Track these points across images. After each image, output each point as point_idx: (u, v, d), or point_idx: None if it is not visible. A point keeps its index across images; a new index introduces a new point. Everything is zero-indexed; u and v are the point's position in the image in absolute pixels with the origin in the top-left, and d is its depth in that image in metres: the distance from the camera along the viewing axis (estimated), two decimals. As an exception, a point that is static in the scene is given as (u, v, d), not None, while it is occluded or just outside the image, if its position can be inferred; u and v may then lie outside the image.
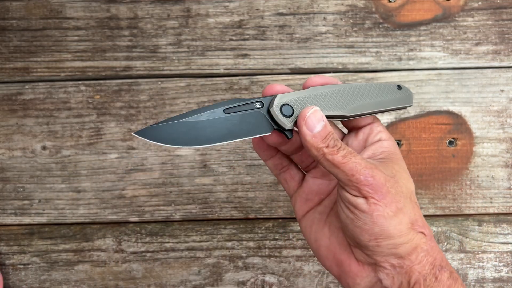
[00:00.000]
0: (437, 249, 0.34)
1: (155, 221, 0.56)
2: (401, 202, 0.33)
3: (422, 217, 0.35)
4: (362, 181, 0.32)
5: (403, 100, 0.39)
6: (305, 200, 0.39)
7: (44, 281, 0.57)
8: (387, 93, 0.38)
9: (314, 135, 0.33)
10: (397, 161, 0.36)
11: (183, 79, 0.55)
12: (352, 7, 0.54)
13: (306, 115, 0.34)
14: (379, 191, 0.32)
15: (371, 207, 0.32)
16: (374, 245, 0.33)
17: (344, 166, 0.32)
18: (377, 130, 0.38)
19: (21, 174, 0.55)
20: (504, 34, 0.54)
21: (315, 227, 0.38)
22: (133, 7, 0.54)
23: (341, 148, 0.33)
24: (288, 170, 0.40)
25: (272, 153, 0.39)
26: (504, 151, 0.54)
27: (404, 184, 0.34)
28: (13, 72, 0.55)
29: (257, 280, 0.56)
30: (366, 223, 0.33)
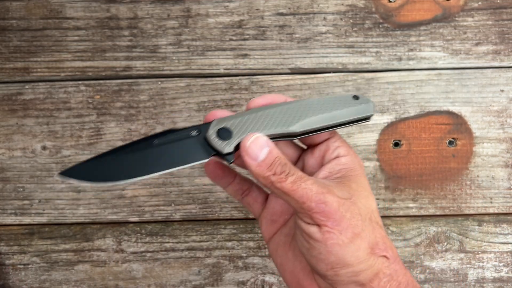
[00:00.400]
0: (402, 272, 0.32)
1: (155, 221, 0.56)
2: (359, 226, 0.31)
3: (385, 238, 0.33)
4: (313, 208, 0.30)
5: (361, 110, 0.35)
6: (271, 222, 0.38)
7: (44, 281, 0.57)
8: (340, 105, 0.35)
9: (258, 164, 0.31)
10: (355, 178, 0.34)
11: (183, 79, 0.55)
12: (352, 7, 0.54)
13: (247, 145, 0.31)
14: (332, 218, 0.30)
15: (324, 236, 0.30)
16: (332, 274, 0.31)
17: (294, 193, 0.30)
18: (334, 146, 0.35)
19: (21, 174, 0.55)
20: (504, 34, 0.54)
21: (280, 251, 0.37)
22: (133, 7, 0.54)
23: (290, 174, 0.31)
24: (249, 193, 0.39)
25: (229, 180, 0.38)
26: (504, 151, 0.54)
27: (362, 204, 0.32)
28: (13, 72, 0.55)
29: (257, 280, 0.56)
30: (321, 253, 0.31)
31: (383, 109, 0.54)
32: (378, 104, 0.54)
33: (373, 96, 0.54)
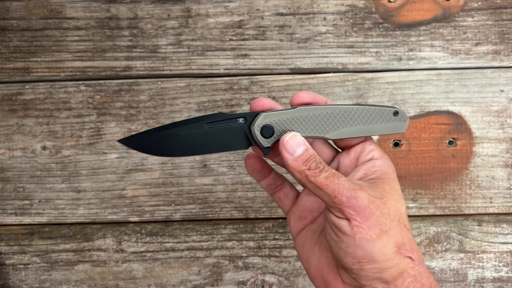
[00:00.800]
0: (426, 275, 0.33)
1: (155, 221, 0.56)
2: (387, 224, 0.32)
3: (412, 240, 0.34)
4: (344, 203, 0.32)
5: (396, 127, 0.37)
6: (299, 218, 0.39)
7: (44, 281, 0.57)
8: (379, 119, 0.37)
9: (295, 159, 0.34)
10: (388, 181, 0.35)
11: (183, 79, 0.55)
12: (352, 7, 0.54)
13: (285, 140, 0.34)
14: (361, 213, 0.32)
15: (353, 230, 0.32)
16: (358, 268, 0.32)
17: (326, 187, 0.32)
18: (369, 149, 0.37)
19: (21, 174, 0.55)
20: (504, 34, 0.54)
21: (307, 246, 0.38)
22: (133, 7, 0.54)
23: (324, 170, 0.33)
24: (281, 189, 0.40)
25: (265, 174, 0.40)
26: (504, 151, 0.54)
27: (392, 206, 0.33)
28: (13, 72, 0.55)
29: (257, 280, 0.56)
30: (349, 246, 0.32)
31: (383, 109, 0.54)
32: (376, 104, 0.54)
33: (373, 96, 0.54)
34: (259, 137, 0.36)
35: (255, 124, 0.35)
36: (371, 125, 0.37)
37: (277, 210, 0.56)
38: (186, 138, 0.35)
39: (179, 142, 0.35)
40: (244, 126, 0.36)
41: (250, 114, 0.36)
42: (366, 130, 0.37)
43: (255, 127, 0.35)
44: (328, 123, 0.36)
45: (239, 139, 0.36)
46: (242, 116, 0.36)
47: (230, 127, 0.36)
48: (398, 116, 0.37)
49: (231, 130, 0.36)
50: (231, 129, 0.36)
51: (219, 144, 0.36)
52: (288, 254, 0.56)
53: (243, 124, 0.36)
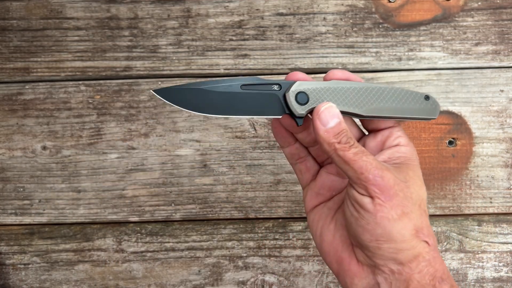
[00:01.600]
0: (439, 261, 0.33)
1: (155, 221, 0.56)
2: (408, 207, 0.33)
3: (429, 226, 0.34)
4: (370, 180, 0.32)
5: (427, 111, 0.37)
6: (316, 194, 0.39)
7: (44, 281, 0.57)
8: (411, 101, 0.37)
9: (327, 130, 0.33)
10: (413, 167, 0.35)
11: (183, 79, 0.55)
12: (352, 7, 0.54)
13: (320, 110, 0.34)
14: (386, 192, 0.32)
15: (376, 208, 0.32)
16: (375, 246, 0.32)
17: (354, 163, 0.32)
18: (396, 135, 0.37)
19: (21, 174, 0.55)
20: (504, 34, 0.54)
21: (322, 222, 0.38)
22: (133, 7, 0.54)
23: (354, 146, 0.33)
24: (304, 161, 0.40)
25: (290, 141, 0.39)
26: (503, 151, 0.54)
27: (415, 191, 0.34)
28: (13, 72, 0.55)
29: (257, 280, 0.56)
30: (369, 223, 0.32)
31: (383, 109, 0.54)
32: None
33: (373, 96, 0.54)
34: (294, 103, 0.35)
35: (291, 90, 0.35)
36: (402, 105, 0.37)
37: (277, 210, 0.56)
38: (220, 97, 0.35)
39: (213, 99, 0.35)
40: (279, 93, 0.35)
41: (285, 82, 0.36)
42: (398, 109, 0.37)
43: (290, 93, 0.35)
44: (362, 98, 0.36)
45: (273, 105, 0.36)
46: (277, 83, 0.36)
47: (265, 92, 0.36)
48: (430, 101, 0.37)
49: (265, 95, 0.35)
50: (265, 94, 0.35)
51: (252, 108, 0.35)
52: (288, 254, 0.56)
53: (278, 91, 0.36)
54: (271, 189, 0.55)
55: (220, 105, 0.35)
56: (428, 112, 0.37)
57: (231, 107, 0.35)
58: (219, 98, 0.35)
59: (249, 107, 0.35)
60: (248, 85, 0.35)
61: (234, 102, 0.35)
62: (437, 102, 0.37)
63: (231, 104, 0.35)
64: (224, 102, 0.35)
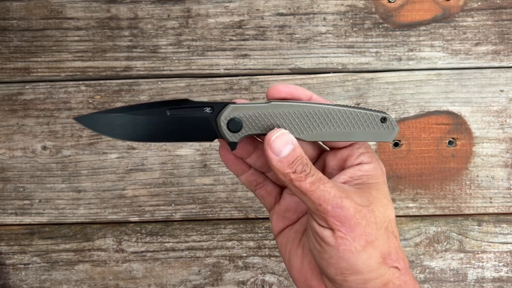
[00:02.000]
0: (411, 283, 0.32)
1: (155, 221, 0.56)
2: (373, 234, 0.31)
3: (399, 248, 0.32)
4: (329, 212, 0.30)
5: (382, 136, 0.34)
6: (282, 218, 0.38)
7: (44, 281, 0.57)
8: (363, 125, 0.33)
9: (280, 159, 0.31)
10: (376, 186, 0.33)
11: (183, 79, 0.55)
12: (352, 7, 0.54)
13: (271, 139, 0.31)
14: (347, 224, 0.30)
15: (337, 241, 0.30)
16: (341, 279, 0.31)
17: (311, 194, 0.30)
18: (358, 153, 0.34)
19: (21, 174, 0.56)
20: (503, 34, 0.54)
21: (289, 246, 0.37)
22: (134, 7, 0.54)
23: (310, 174, 0.31)
24: (263, 186, 0.38)
25: (243, 168, 0.37)
26: (503, 151, 0.54)
27: (380, 213, 0.32)
28: (13, 72, 0.55)
29: (257, 280, 0.56)
30: (332, 257, 0.31)
31: (383, 109, 0.54)
32: (378, 104, 0.54)
33: (373, 96, 0.54)
34: (225, 130, 0.33)
35: (222, 116, 0.33)
36: (353, 129, 0.33)
37: (277, 210, 0.56)
38: (145, 123, 0.33)
39: (137, 126, 0.33)
40: (210, 117, 0.33)
41: (218, 104, 0.33)
42: (347, 134, 0.33)
43: (222, 119, 0.33)
44: (304, 123, 0.33)
45: (204, 130, 0.33)
46: (210, 105, 0.33)
47: (195, 116, 0.33)
48: (386, 123, 0.33)
49: (195, 119, 0.33)
50: (195, 118, 0.33)
51: (181, 133, 0.33)
52: None
53: (210, 114, 0.33)
54: (271, 189, 0.55)
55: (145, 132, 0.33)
56: (382, 136, 0.34)
57: (158, 133, 0.33)
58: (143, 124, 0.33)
59: (178, 133, 0.33)
60: (176, 109, 0.33)
61: (160, 128, 0.33)
62: (395, 124, 0.34)
63: (158, 130, 0.33)
64: (150, 128, 0.33)
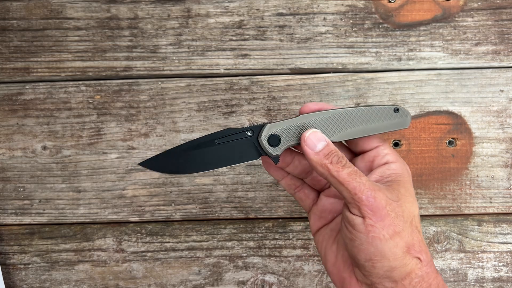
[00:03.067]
0: (433, 275, 0.34)
1: (156, 221, 0.56)
2: (400, 226, 0.34)
3: (422, 242, 0.35)
4: (363, 201, 0.33)
5: (399, 123, 0.39)
6: (319, 218, 0.41)
7: (44, 281, 0.57)
8: (382, 118, 0.39)
9: (316, 153, 0.35)
10: (404, 184, 0.36)
11: (183, 79, 0.55)
12: (352, 8, 0.54)
13: (306, 136, 0.36)
14: (378, 213, 0.33)
15: (367, 228, 0.33)
16: (370, 265, 0.34)
17: (348, 184, 0.33)
18: (383, 153, 0.38)
19: (21, 174, 0.56)
20: (503, 34, 0.54)
21: (325, 244, 0.40)
22: (134, 7, 0.54)
23: (346, 166, 0.34)
24: (302, 189, 0.42)
25: (283, 174, 0.41)
26: (503, 151, 0.54)
27: (407, 208, 0.35)
28: (13, 72, 0.55)
29: (257, 280, 0.56)
30: (362, 243, 0.33)
31: (383, 109, 0.54)
32: (378, 104, 0.54)
33: (373, 96, 0.54)
34: (267, 146, 0.38)
35: (262, 135, 0.38)
36: (373, 124, 0.38)
37: (277, 210, 0.56)
38: (199, 155, 0.38)
39: (193, 160, 0.38)
40: (252, 138, 0.38)
41: (256, 126, 0.38)
42: (369, 129, 0.38)
43: (262, 138, 0.38)
44: (331, 126, 0.38)
45: (249, 151, 0.38)
46: (250, 129, 0.38)
47: (239, 141, 0.39)
48: (399, 112, 0.39)
49: (240, 143, 0.38)
50: (240, 142, 0.38)
51: (230, 157, 0.39)
52: (288, 254, 0.56)
53: (251, 136, 0.38)
54: (271, 189, 0.55)
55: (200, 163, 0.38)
56: (399, 124, 0.39)
57: (211, 162, 0.39)
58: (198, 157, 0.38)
59: (228, 157, 0.39)
60: (223, 138, 0.39)
61: (212, 157, 0.38)
62: (407, 112, 0.39)
63: (210, 159, 0.38)
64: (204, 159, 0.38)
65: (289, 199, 0.55)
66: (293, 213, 0.56)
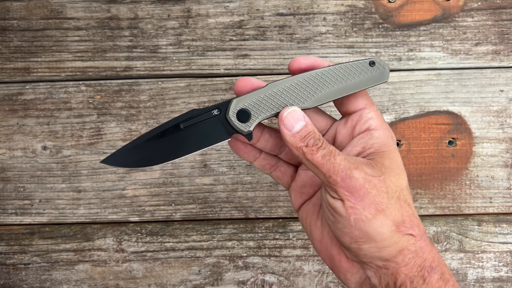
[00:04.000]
0: (428, 249, 0.33)
1: (156, 221, 0.56)
2: (383, 203, 0.32)
3: (413, 216, 0.33)
4: (338, 183, 0.31)
5: (377, 77, 0.35)
6: (300, 193, 0.39)
7: (44, 281, 0.57)
8: (357, 74, 0.35)
9: (293, 134, 0.33)
10: (388, 154, 0.34)
11: (183, 79, 0.55)
12: (352, 8, 0.54)
13: (283, 116, 0.34)
14: (356, 194, 0.31)
15: (348, 211, 0.31)
16: (356, 247, 0.32)
17: (322, 166, 0.32)
18: (366, 117, 0.35)
19: (21, 174, 0.56)
20: (503, 34, 0.54)
21: (309, 220, 0.38)
22: (134, 7, 0.54)
23: (321, 147, 0.32)
24: (277, 168, 0.39)
25: (255, 154, 0.39)
26: (503, 151, 0.54)
27: (392, 183, 0.33)
28: (13, 72, 0.55)
29: (257, 280, 0.56)
30: (345, 226, 0.32)
31: (383, 109, 0.54)
32: (378, 104, 0.54)
33: (373, 97, 0.54)
34: (237, 123, 0.35)
35: (230, 112, 0.35)
36: (348, 82, 0.35)
37: (277, 210, 0.56)
38: (164, 144, 0.35)
39: (159, 150, 0.35)
40: (220, 117, 0.35)
41: (223, 103, 0.35)
42: (345, 88, 0.35)
43: (230, 114, 0.35)
44: (303, 91, 0.35)
45: (219, 131, 0.35)
46: (216, 107, 0.35)
47: (206, 121, 0.35)
48: (376, 65, 0.35)
49: (208, 124, 0.35)
50: (207, 123, 0.35)
51: (199, 141, 0.35)
52: (288, 254, 0.56)
53: (218, 115, 0.35)
54: (271, 189, 0.55)
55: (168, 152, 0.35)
56: (376, 78, 0.35)
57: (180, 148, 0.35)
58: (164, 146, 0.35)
59: (197, 141, 0.35)
60: (187, 121, 0.35)
61: (180, 143, 0.35)
62: (384, 63, 0.36)
63: (178, 146, 0.35)
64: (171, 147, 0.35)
65: (289, 199, 0.55)
66: (293, 213, 0.56)
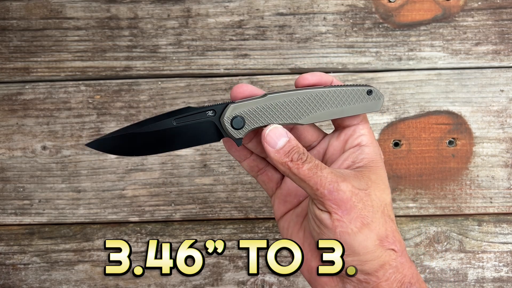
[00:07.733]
0: (408, 265, 0.33)
1: (155, 221, 0.56)
2: (369, 217, 0.32)
3: (396, 231, 0.34)
4: (326, 196, 0.32)
5: (370, 106, 0.37)
6: (284, 202, 0.39)
7: (44, 281, 0.57)
8: (353, 100, 0.36)
9: (277, 151, 0.33)
10: (375, 170, 0.35)
11: (183, 79, 0.55)
12: (352, 7, 0.54)
13: (266, 134, 0.34)
14: (343, 206, 0.32)
15: (334, 223, 0.32)
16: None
17: (309, 179, 0.32)
18: (359, 133, 0.36)
19: (21, 174, 0.55)
20: (504, 34, 0.54)
21: (291, 230, 0.38)
22: (133, 7, 0.54)
23: (307, 161, 0.33)
24: (265, 172, 0.40)
25: (245, 154, 0.39)
26: (504, 151, 0.54)
27: (377, 197, 0.33)
28: (13, 72, 0.55)
29: (257, 280, 0.56)
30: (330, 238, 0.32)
31: (383, 109, 0.54)
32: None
33: (373, 96, 0.54)
34: (230, 129, 0.35)
35: (225, 116, 0.35)
36: (344, 106, 0.36)
37: (277, 210, 0.56)
38: (155, 136, 0.35)
39: (148, 142, 0.35)
40: (213, 119, 0.36)
41: (219, 106, 0.35)
42: (339, 111, 0.36)
43: (225, 119, 0.35)
44: (300, 108, 0.36)
45: (209, 132, 0.36)
46: (211, 108, 0.35)
47: (200, 121, 0.36)
48: (372, 95, 0.36)
49: (201, 124, 0.36)
50: (200, 122, 0.36)
51: (188, 139, 0.36)
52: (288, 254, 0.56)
53: (213, 117, 0.35)
54: (271, 189, 0.55)
55: (156, 144, 0.36)
56: (371, 106, 0.37)
57: (168, 143, 0.36)
58: (153, 137, 0.35)
59: (186, 139, 0.36)
60: (181, 117, 0.35)
61: (170, 137, 0.35)
62: (381, 94, 0.37)
63: (167, 140, 0.35)
64: (160, 140, 0.35)
65: (289, 199, 0.55)
66: (293, 213, 0.56)
